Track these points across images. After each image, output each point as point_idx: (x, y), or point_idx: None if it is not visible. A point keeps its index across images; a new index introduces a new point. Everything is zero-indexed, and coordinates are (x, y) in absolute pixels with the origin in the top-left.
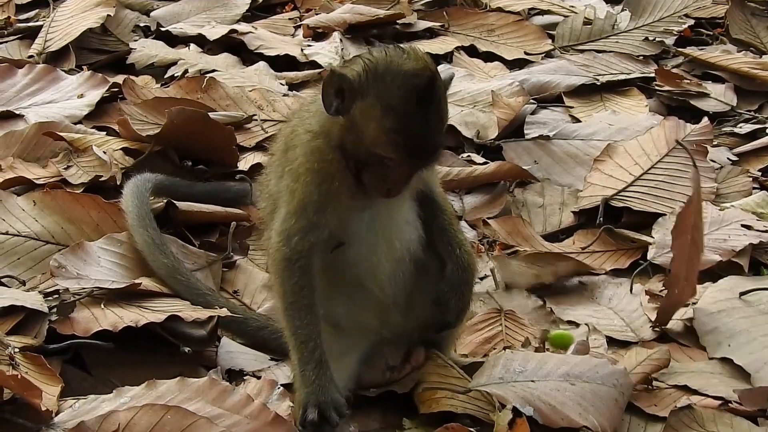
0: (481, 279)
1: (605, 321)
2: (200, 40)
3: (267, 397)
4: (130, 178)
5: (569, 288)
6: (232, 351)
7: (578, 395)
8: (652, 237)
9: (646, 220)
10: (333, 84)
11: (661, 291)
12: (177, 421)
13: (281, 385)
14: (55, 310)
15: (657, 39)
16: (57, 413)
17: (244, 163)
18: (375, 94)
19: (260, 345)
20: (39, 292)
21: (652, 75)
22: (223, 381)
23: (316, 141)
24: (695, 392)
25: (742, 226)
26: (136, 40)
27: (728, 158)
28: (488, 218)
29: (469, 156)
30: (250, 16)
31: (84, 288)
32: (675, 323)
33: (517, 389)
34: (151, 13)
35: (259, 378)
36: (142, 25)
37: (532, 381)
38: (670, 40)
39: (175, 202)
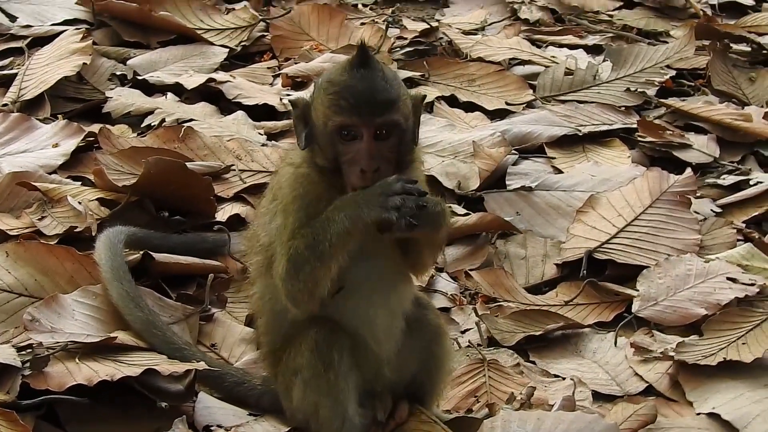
0: (464, 332)
1: (590, 375)
2: (177, 89)
3: None
4: (104, 229)
5: (553, 341)
6: (210, 406)
7: None
8: (636, 290)
9: (629, 273)
10: (296, 115)
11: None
12: None
13: None
14: (28, 364)
15: (639, 90)
16: None
17: (222, 213)
18: (318, 92)
19: (238, 400)
20: (12, 346)
21: (635, 126)
22: None
23: (299, 170)
24: None
25: (728, 279)
26: (112, 89)
27: (712, 210)
28: (470, 270)
29: (450, 207)
30: (228, 65)
31: (58, 342)
32: (661, 377)
33: None
34: (128, 62)
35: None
36: (118, 73)
37: None
38: (651, 91)
39: (151, 253)
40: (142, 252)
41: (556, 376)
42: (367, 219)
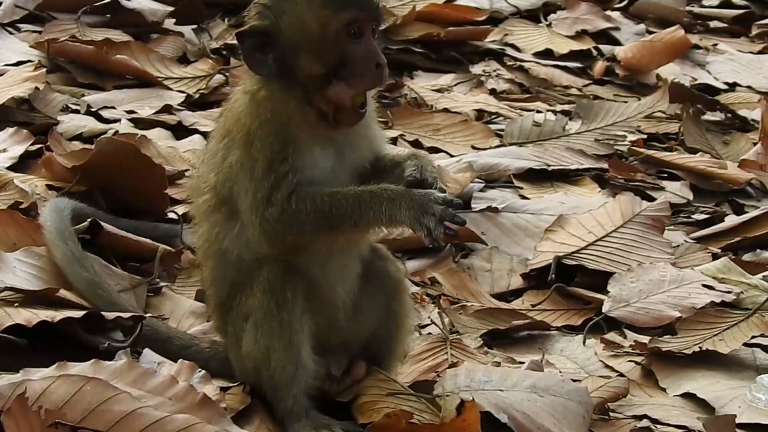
0: (424, 326)
1: (559, 365)
2: (133, 120)
3: (187, 379)
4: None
5: (518, 340)
6: (155, 361)
7: (550, 407)
8: (607, 292)
9: (599, 282)
10: (250, 45)
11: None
12: (97, 392)
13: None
14: None
15: (609, 141)
16: None
17: (175, 215)
18: (288, 3)
19: None
20: None
21: (606, 167)
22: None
23: (259, 93)
24: (656, 421)
25: (703, 285)
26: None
27: (685, 240)
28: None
29: None
30: (186, 108)
31: None
32: (633, 369)
33: (488, 396)
34: (83, 98)
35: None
36: (72, 107)
37: (501, 390)
38: (623, 147)
39: (100, 222)
40: (89, 220)
41: (521, 362)
42: (404, 220)
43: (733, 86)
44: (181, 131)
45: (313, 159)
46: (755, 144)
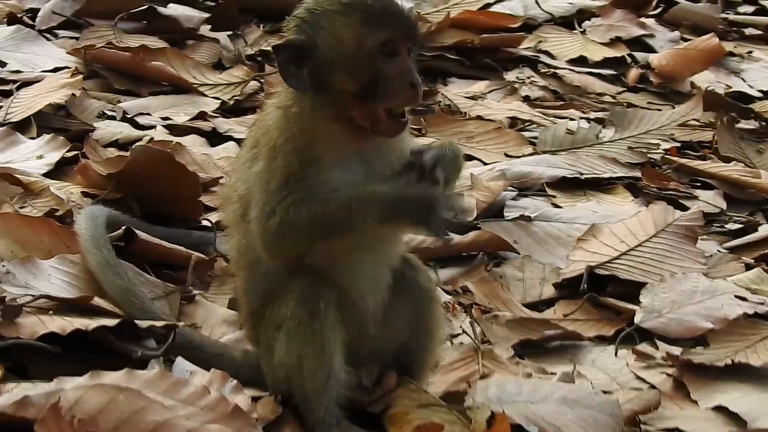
0: (455, 336)
1: (590, 376)
2: (168, 127)
3: (219, 389)
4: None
5: (550, 350)
6: (188, 370)
7: (580, 419)
8: (639, 302)
9: (631, 292)
10: (286, 58)
11: None
12: (130, 402)
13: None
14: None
15: (642, 149)
16: None
17: (209, 223)
18: (326, 19)
19: None
20: None
21: (639, 175)
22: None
23: (291, 110)
24: None
25: (736, 296)
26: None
27: (718, 250)
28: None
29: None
30: (220, 115)
31: (32, 295)
32: (664, 380)
33: (519, 408)
34: (118, 104)
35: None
36: (108, 113)
37: (531, 402)
38: (656, 156)
39: (134, 229)
40: (124, 228)
41: (553, 373)
42: (402, 217)
43: (767, 94)
44: (215, 138)
45: (333, 180)
46: None
